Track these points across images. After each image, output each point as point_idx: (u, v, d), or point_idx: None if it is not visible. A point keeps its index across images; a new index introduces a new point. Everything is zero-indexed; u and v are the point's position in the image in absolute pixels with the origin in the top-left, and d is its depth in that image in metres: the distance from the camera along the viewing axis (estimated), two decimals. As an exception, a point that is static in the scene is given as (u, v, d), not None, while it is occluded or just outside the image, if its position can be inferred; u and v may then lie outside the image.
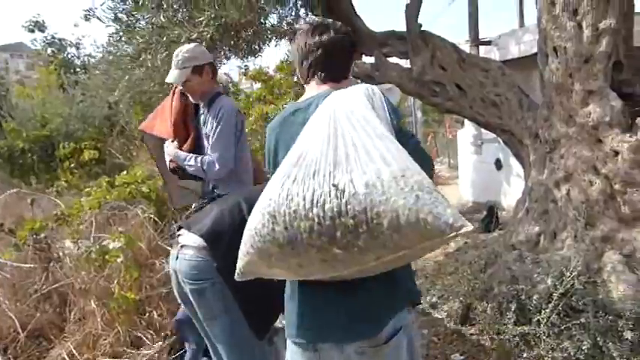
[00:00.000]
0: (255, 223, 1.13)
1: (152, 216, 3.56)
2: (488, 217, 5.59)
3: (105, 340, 2.76)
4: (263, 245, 1.11)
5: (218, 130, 2.42)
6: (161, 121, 2.70)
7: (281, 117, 1.41)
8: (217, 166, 2.41)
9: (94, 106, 8.02)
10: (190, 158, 2.49)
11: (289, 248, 1.08)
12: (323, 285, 1.22)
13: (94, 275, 3.07)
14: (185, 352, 2.55)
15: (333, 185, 1.03)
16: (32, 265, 3.36)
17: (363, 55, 4.40)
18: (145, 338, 2.74)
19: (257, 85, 12.92)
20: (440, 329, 3.20)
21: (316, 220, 1.03)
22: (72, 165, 7.34)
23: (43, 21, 13.61)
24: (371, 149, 1.06)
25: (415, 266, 4.32)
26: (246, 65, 6.96)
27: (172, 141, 2.57)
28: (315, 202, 1.04)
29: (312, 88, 1.40)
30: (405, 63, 4.15)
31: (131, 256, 3.11)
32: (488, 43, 7.00)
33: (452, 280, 3.80)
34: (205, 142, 2.53)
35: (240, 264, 1.21)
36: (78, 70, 12.11)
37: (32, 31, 13.47)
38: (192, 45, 2.60)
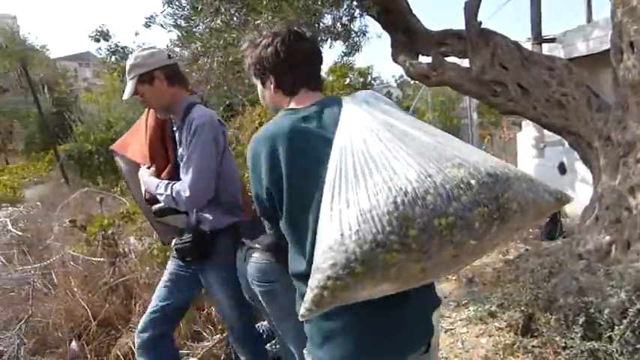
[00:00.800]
0: (373, 233, 0.99)
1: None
2: (551, 224, 5.36)
3: (168, 332, 2.90)
4: (385, 256, 0.99)
5: (189, 149, 1.96)
6: (135, 142, 2.24)
7: (287, 126, 1.23)
8: (187, 194, 1.94)
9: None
10: (161, 186, 2.04)
11: (421, 252, 1.00)
12: (391, 298, 1.11)
13: (156, 270, 3.24)
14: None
15: (460, 180, 1.03)
16: (101, 259, 3.59)
17: (419, 55, 4.35)
18: (203, 333, 2.85)
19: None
20: (499, 339, 3.11)
21: (458, 214, 1.00)
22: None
23: (107, 30, 14.43)
24: (455, 144, 1.13)
25: (473, 272, 4.22)
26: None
27: (149, 167, 2.14)
28: (452, 196, 1.01)
29: (304, 97, 1.34)
30: (464, 62, 4.07)
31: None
32: (552, 40, 6.71)
33: (512, 288, 3.68)
34: None
35: (313, 297, 1.03)
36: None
37: (98, 40, 14.28)
38: (139, 50, 2.19)
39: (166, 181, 2.04)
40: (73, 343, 3.10)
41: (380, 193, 1.02)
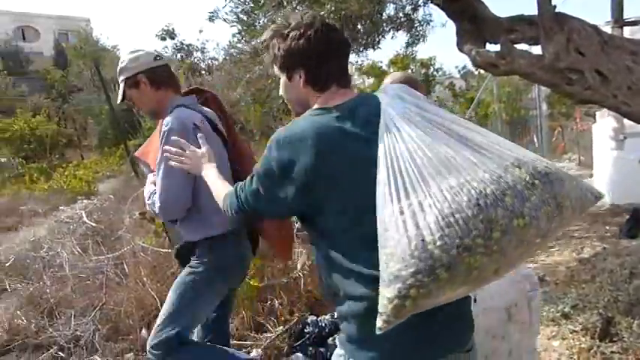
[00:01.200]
0: (460, 237, 0.97)
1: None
2: (632, 221, 5.00)
3: (232, 322, 2.98)
4: (470, 260, 0.98)
5: (158, 158, 1.87)
6: (152, 148, 2.12)
7: (323, 126, 1.18)
8: (158, 205, 1.89)
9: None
10: (148, 195, 1.99)
11: (500, 254, 1.00)
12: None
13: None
14: (306, 340, 2.67)
15: (526, 180, 1.05)
16: (169, 251, 3.74)
17: (487, 43, 4.18)
18: (267, 325, 2.91)
19: (369, 81, 13.01)
20: (573, 342, 2.95)
21: (532, 214, 1.02)
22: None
23: (173, 29, 14.99)
24: (504, 144, 1.13)
25: (544, 271, 4.02)
26: (361, 60, 7.00)
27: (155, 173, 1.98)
28: (525, 197, 1.02)
29: (335, 94, 1.28)
30: (535, 50, 3.86)
31: (254, 246, 3.32)
32: (635, 23, 6.22)
33: (588, 289, 3.48)
34: None
35: (398, 304, 0.99)
36: (203, 72, 13.19)
37: (164, 39, 14.86)
38: (127, 52, 2.09)
39: (153, 190, 1.96)
40: (144, 331, 3.26)
41: (459, 195, 1.00)
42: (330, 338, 2.88)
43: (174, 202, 1.89)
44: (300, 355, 2.71)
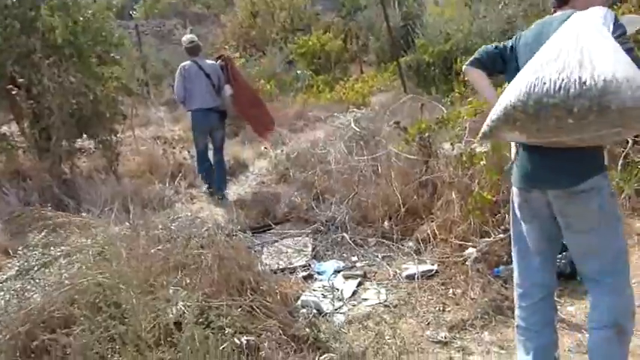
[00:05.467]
0: (511, 97, 1.71)
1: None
2: None
3: (459, 227, 3.33)
4: (513, 113, 1.70)
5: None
6: None
7: (542, 22, 1.99)
8: None
9: (492, 22, 8.42)
10: None
11: (535, 117, 1.66)
12: (538, 149, 1.87)
13: (460, 173, 3.64)
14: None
15: (579, 78, 1.57)
16: (416, 158, 4.23)
17: None
18: (492, 233, 3.14)
19: None
20: None
21: (562, 98, 1.59)
22: (466, 78, 8.14)
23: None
24: (607, 55, 1.58)
25: None
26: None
27: None
28: (562, 87, 1.59)
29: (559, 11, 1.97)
30: None
31: (495, 160, 3.49)
32: None
33: None
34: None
35: (484, 129, 1.85)
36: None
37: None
38: None
39: None
40: (386, 223, 3.91)
41: (524, 74, 1.70)
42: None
43: (177, 94, 5.73)
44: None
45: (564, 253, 2.74)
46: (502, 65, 2.09)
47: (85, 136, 6.00)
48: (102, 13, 5.92)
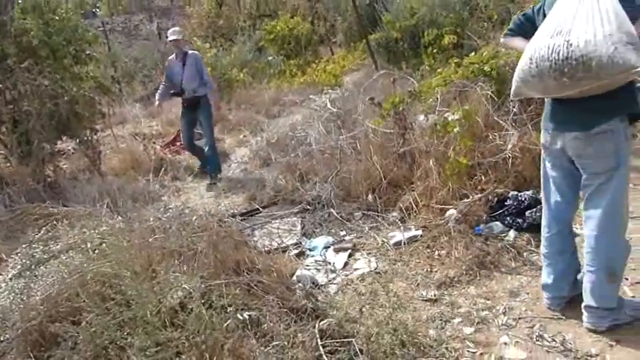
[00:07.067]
0: (522, 63, 2.13)
1: (490, 93, 3.93)
2: None
3: (439, 193, 3.48)
4: (525, 76, 2.13)
5: None
6: None
7: None
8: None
9: (456, -9, 8.54)
10: None
11: (538, 78, 2.06)
12: (560, 100, 2.21)
13: (436, 142, 3.78)
14: (505, 211, 3.01)
15: (566, 41, 1.92)
16: (393, 131, 4.35)
17: None
18: (471, 195, 3.30)
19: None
20: None
21: (553, 61, 1.97)
22: (434, 50, 8.28)
23: None
24: (596, 16, 1.87)
25: None
26: None
27: None
28: (553, 51, 1.96)
29: None
30: None
31: (467, 127, 3.64)
32: None
33: None
34: None
35: (512, 90, 2.27)
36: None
37: None
38: None
39: None
40: (370, 196, 4.05)
41: (532, 43, 2.10)
42: (528, 211, 3.11)
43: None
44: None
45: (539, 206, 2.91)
46: (532, 28, 2.28)
47: (64, 137, 5.97)
48: (75, 12, 5.85)
